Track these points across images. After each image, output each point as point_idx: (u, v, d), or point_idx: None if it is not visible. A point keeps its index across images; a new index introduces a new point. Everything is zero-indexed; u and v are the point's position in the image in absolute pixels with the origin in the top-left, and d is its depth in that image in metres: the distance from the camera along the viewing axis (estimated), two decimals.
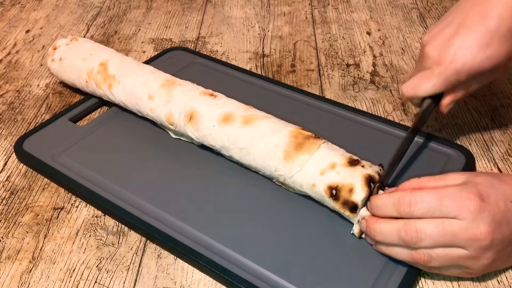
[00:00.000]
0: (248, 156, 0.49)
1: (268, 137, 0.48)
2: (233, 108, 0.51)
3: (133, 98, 0.56)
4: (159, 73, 0.58)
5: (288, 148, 0.47)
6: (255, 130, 0.49)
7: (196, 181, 0.51)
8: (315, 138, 0.48)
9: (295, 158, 0.46)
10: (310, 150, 0.46)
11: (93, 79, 0.59)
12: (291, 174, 0.46)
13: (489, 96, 0.65)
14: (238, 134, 0.49)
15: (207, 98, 0.53)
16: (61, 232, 0.48)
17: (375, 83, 0.68)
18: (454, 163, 0.52)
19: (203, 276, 0.44)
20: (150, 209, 0.48)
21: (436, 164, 0.52)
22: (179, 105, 0.53)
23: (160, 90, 0.55)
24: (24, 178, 0.54)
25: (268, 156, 0.48)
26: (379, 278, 0.41)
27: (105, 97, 0.60)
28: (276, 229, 0.46)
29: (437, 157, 0.53)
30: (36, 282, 0.44)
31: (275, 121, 0.50)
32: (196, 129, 0.52)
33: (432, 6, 0.87)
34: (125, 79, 0.57)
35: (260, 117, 0.50)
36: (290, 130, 0.48)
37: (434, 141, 0.55)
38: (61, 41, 0.65)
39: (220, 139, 0.51)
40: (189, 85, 0.56)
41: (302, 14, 0.86)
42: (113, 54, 0.61)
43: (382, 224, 0.41)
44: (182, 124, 0.53)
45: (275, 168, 0.47)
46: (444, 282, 0.43)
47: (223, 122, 0.50)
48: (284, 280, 0.41)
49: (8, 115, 0.64)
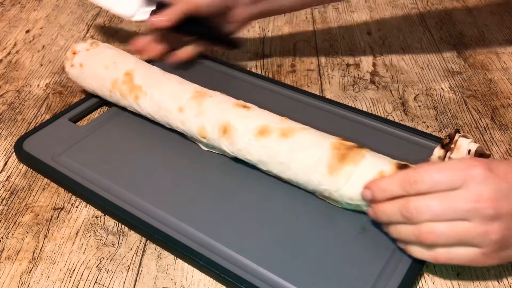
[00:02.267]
0: (288, 171, 0.47)
1: (309, 150, 0.46)
2: (269, 120, 0.49)
3: (161, 110, 0.54)
4: (187, 83, 0.56)
5: (331, 160, 0.45)
6: (294, 143, 0.47)
7: (195, 181, 0.51)
8: (358, 148, 0.45)
9: (340, 171, 0.44)
10: (355, 161, 0.44)
11: (117, 89, 0.57)
12: (337, 188, 0.44)
13: (489, 96, 0.65)
14: (276, 148, 0.47)
15: (240, 110, 0.51)
16: (61, 232, 0.48)
17: (375, 83, 0.68)
18: None
19: (203, 276, 0.44)
20: (150, 209, 0.48)
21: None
22: (212, 118, 0.51)
23: (191, 102, 0.53)
24: (24, 178, 0.54)
25: (311, 170, 0.46)
26: (379, 278, 0.41)
27: (130, 108, 0.58)
28: (276, 229, 0.46)
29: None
30: (36, 282, 0.44)
31: (314, 132, 0.48)
32: (231, 142, 0.50)
33: (432, 6, 0.87)
34: (152, 91, 0.55)
35: (298, 129, 0.48)
36: (331, 142, 0.46)
37: (434, 141, 0.55)
38: (81, 45, 0.62)
39: (256, 153, 0.48)
40: (220, 96, 0.54)
41: (302, 14, 0.86)
42: (138, 63, 0.59)
43: (385, 205, 0.41)
44: (215, 138, 0.51)
45: (319, 182, 0.45)
46: (444, 282, 0.43)
47: (259, 135, 0.48)
48: (284, 280, 0.41)
49: (8, 115, 0.64)
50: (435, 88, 0.67)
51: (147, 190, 0.50)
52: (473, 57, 0.73)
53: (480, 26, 0.81)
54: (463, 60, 0.72)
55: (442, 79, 0.69)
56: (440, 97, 0.65)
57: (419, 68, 0.71)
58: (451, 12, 0.85)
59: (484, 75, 0.69)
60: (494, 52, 0.74)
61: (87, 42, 0.63)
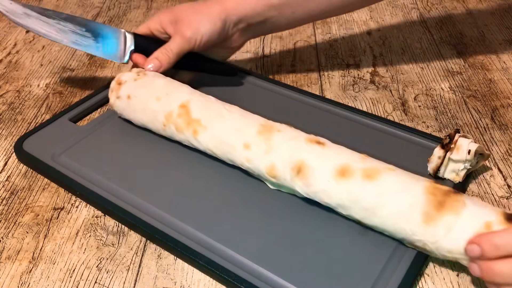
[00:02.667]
0: (374, 218, 0.43)
1: (399, 195, 0.42)
2: (348, 159, 0.45)
3: (224, 146, 0.50)
4: (250, 115, 0.51)
5: (427, 208, 0.40)
6: (381, 186, 0.43)
7: (195, 181, 0.51)
8: (455, 194, 0.41)
9: (439, 221, 0.40)
10: (456, 210, 0.40)
11: (172, 123, 0.52)
12: (435, 239, 0.40)
13: (489, 96, 0.65)
14: (360, 192, 0.43)
15: (315, 147, 0.46)
16: (61, 232, 0.48)
17: (375, 83, 0.68)
18: None
19: (203, 276, 0.44)
20: (150, 209, 0.48)
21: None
22: (283, 156, 0.46)
23: (258, 138, 0.48)
24: (24, 178, 0.54)
25: (403, 219, 0.41)
26: (379, 278, 0.41)
27: (187, 143, 0.53)
28: (276, 229, 0.46)
29: None
30: (36, 282, 0.44)
31: (401, 174, 0.44)
32: (306, 184, 0.45)
33: (432, 6, 0.87)
34: (213, 125, 0.50)
35: (383, 170, 0.44)
36: (424, 186, 0.42)
37: (434, 141, 0.55)
38: (127, 75, 0.57)
39: (337, 197, 0.44)
40: (288, 130, 0.49)
41: None
42: (192, 93, 0.54)
43: (499, 264, 0.37)
44: (287, 178, 0.46)
45: (413, 232, 0.41)
46: (444, 282, 0.43)
47: (340, 177, 0.44)
48: (284, 280, 0.41)
49: (8, 115, 0.64)
50: (435, 88, 0.67)
51: (147, 190, 0.50)
52: (473, 57, 0.73)
53: (480, 26, 0.81)
54: (463, 60, 0.73)
55: (442, 79, 0.69)
56: (440, 97, 0.65)
57: (419, 68, 0.71)
58: (451, 12, 0.85)
59: (484, 75, 0.69)
60: (494, 52, 0.74)
61: (133, 72, 0.58)
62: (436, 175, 0.49)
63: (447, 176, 0.49)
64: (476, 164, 0.50)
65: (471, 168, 0.49)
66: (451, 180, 0.50)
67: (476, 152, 0.48)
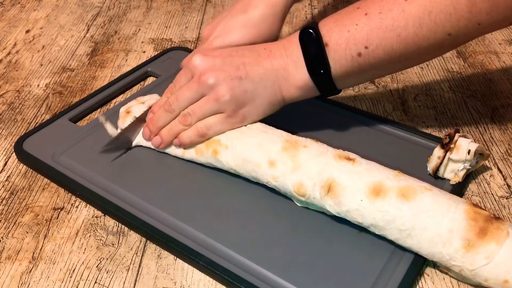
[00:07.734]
0: (409, 239, 0.41)
1: (437, 219, 0.40)
2: (381, 176, 0.43)
3: (247, 164, 0.48)
4: (272, 130, 0.50)
5: (468, 234, 0.39)
6: (418, 207, 0.41)
7: (195, 181, 0.51)
8: (497, 221, 0.40)
9: (480, 249, 0.39)
10: (498, 239, 0.39)
11: (191, 146, 0.52)
12: (473, 267, 0.39)
13: (489, 96, 0.65)
14: (395, 212, 0.41)
15: (345, 164, 0.44)
16: (61, 232, 0.48)
17: (375, 83, 0.68)
18: None
19: (203, 276, 0.44)
20: (150, 209, 0.48)
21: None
22: (311, 174, 0.45)
23: (283, 155, 0.46)
24: (24, 178, 0.54)
25: (441, 243, 0.40)
26: (379, 278, 0.41)
27: (206, 164, 0.52)
28: (276, 229, 0.46)
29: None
30: (36, 282, 0.44)
31: (439, 194, 0.42)
32: (337, 203, 0.44)
33: None
34: (234, 143, 0.49)
35: (420, 189, 0.42)
36: (464, 210, 0.40)
37: (433, 141, 0.55)
38: (133, 103, 0.57)
39: (370, 217, 0.42)
40: (315, 145, 0.47)
41: (302, 14, 0.86)
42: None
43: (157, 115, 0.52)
44: (317, 197, 0.45)
45: (451, 258, 0.40)
46: (444, 282, 0.43)
47: (373, 196, 0.42)
48: (284, 280, 0.41)
49: (8, 115, 0.64)
50: (435, 88, 0.67)
51: (147, 190, 0.50)
52: (473, 57, 0.73)
53: None
54: (463, 60, 0.72)
55: (442, 79, 0.69)
56: (440, 97, 0.65)
57: (419, 68, 0.71)
58: None
59: (484, 75, 0.69)
60: (494, 52, 0.74)
61: (138, 101, 0.57)
62: (435, 175, 0.50)
63: (447, 176, 0.49)
64: (476, 164, 0.50)
65: (470, 168, 0.49)
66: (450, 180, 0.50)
67: (476, 152, 0.48)
